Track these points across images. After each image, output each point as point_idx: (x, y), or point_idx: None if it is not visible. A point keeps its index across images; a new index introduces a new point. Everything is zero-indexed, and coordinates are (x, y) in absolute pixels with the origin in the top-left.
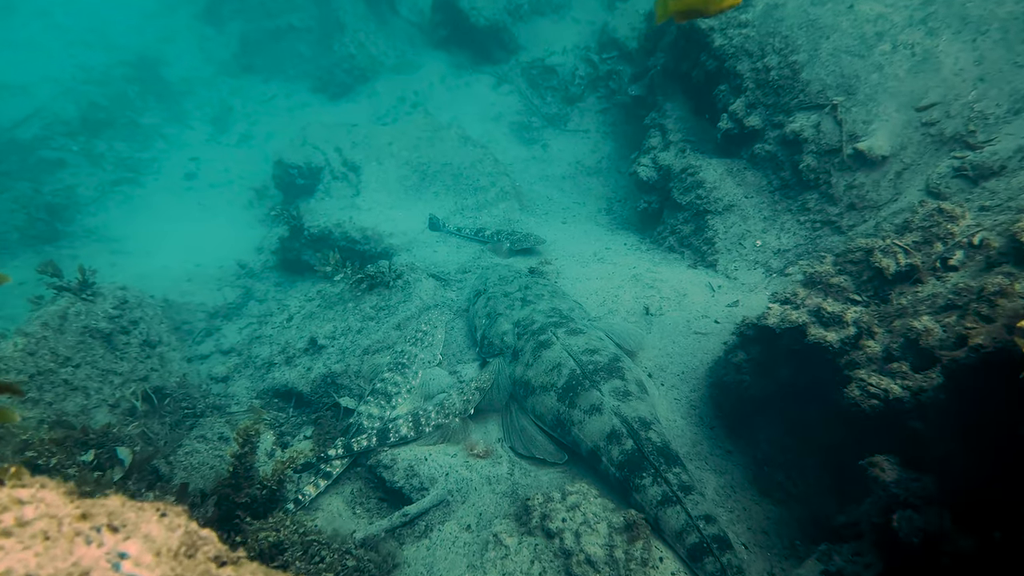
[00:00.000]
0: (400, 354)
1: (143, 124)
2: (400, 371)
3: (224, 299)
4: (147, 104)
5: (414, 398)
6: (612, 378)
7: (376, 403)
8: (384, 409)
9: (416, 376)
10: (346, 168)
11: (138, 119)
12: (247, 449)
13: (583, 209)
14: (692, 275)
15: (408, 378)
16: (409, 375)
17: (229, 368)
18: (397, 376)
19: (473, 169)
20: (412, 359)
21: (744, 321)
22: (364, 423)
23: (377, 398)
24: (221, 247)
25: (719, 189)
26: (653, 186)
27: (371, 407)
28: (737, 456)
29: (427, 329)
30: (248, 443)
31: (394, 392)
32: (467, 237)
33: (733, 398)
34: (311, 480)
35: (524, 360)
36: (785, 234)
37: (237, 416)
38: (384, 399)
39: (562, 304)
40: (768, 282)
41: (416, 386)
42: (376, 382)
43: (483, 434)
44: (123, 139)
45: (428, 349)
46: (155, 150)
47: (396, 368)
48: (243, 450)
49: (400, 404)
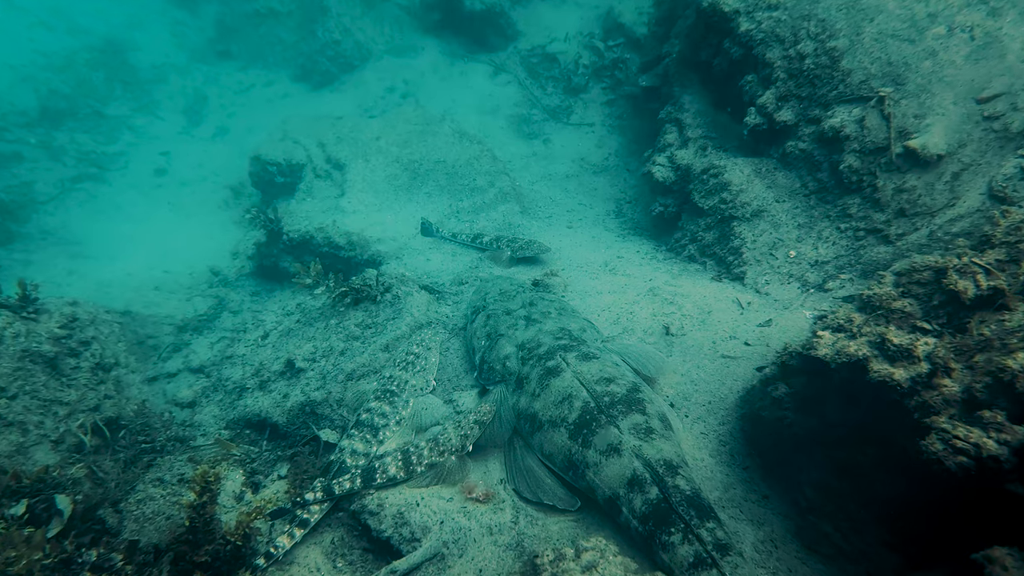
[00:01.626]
0: (388, 380)
1: (109, 115)
2: (388, 400)
3: (194, 310)
4: (113, 93)
5: (404, 431)
6: (632, 412)
7: (361, 438)
8: (370, 444)
9: (407, 406)
10: (330, 165)
11: (103, 109)
12: (206, 499)
13: (590, 212)
14: (717, 289)
15: (398, 408)
16: (399, 404)
17: (196, 392)
18: (385, 406)
19: (469, 167)
20: (402, 386)
21: (787, 349)
22: (347, 461)
23: (362, 431)
24: (193, 251)
25: (746, 192)
26: (669, 188)
27: (355, 442)
28: (776, 502)
29: (419, 351)
30: (207, 491)
31: (381, 425)
32: (463, 244)
33: (771, 435)
34: (285, 529)
35: (530, 389)
36: (823, 244)
37: (203, 450)
38: (370, 433)
39: (572, 323)
40: (804, 298)
41: (406, 417)
42: (361, 413)
43: (483, 474)
44: (86, 131)
45: (420, 375)
46: (122, 143)
47: (384, 397)
48: (201, 499)
49: (388, 439)
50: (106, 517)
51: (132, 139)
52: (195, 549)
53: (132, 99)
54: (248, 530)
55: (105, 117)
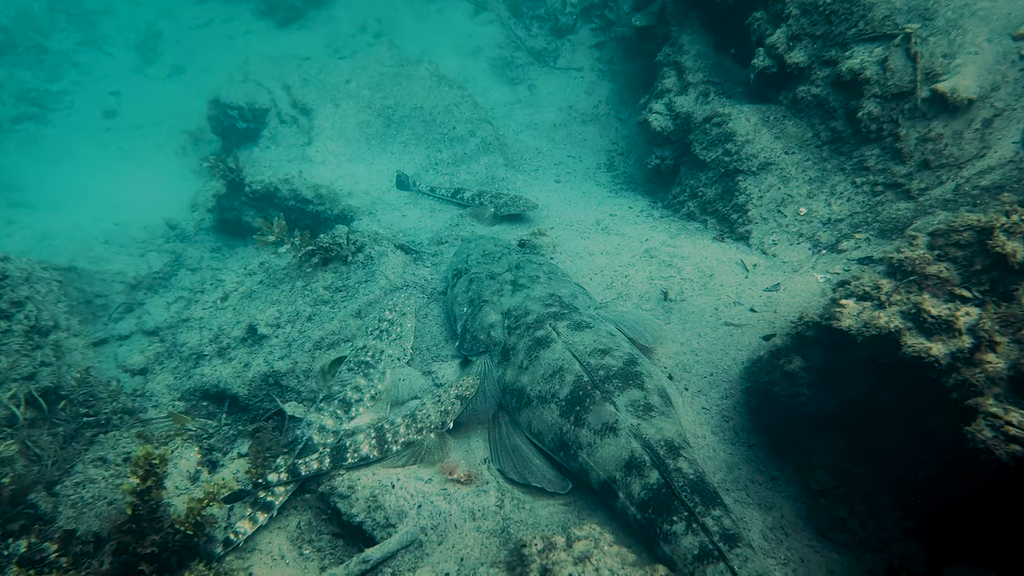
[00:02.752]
0: (361, 350)
1: (51, 49)
2: (363, 372)
3: (149, 267)
4: (57, 25)
5: (379, 406)
6: (629, 387)
7: (331, 413)
8: (340, 421)
9: (383, 378)
10: (296, 110)
11: (45, 43)
12: (151, 483)
13: (579, 164)
14: (719, 250)
15: (373, 381)
16: (374, 377)
17: (148, 358)
18: (358, 378)
19: (448, 114)
20: (377, 357)
21: (803, 319)
22: (314, 438)
23: (332, 406)
24: (147, 202)
25: (753, 143)
26: (667, 138)
27: (324, 417)
28: (784, 484)
29: (393, 318)
30: (151, 475)
31: (355, 400)
32: (443, 199)
33: (782, 413)
34: (247, 513)
35: (517, 361)
36: (837, 199)
37: (153, 424)
38: (341, 408)
39: (562, 289)
40: (816, 260)
41: (382, 391)
42: (332, 385)
43: (465, 452)
44: (27, 67)
45: (396, 343)
46: (66, 81)
47: (357, 368)
48: (145, 484)
49: (361, 415)
50: (38, 502)
51: (78, 76)
52: (140, 539)
53: (77, 32)
54: (200, 518)
55: (48, 52)
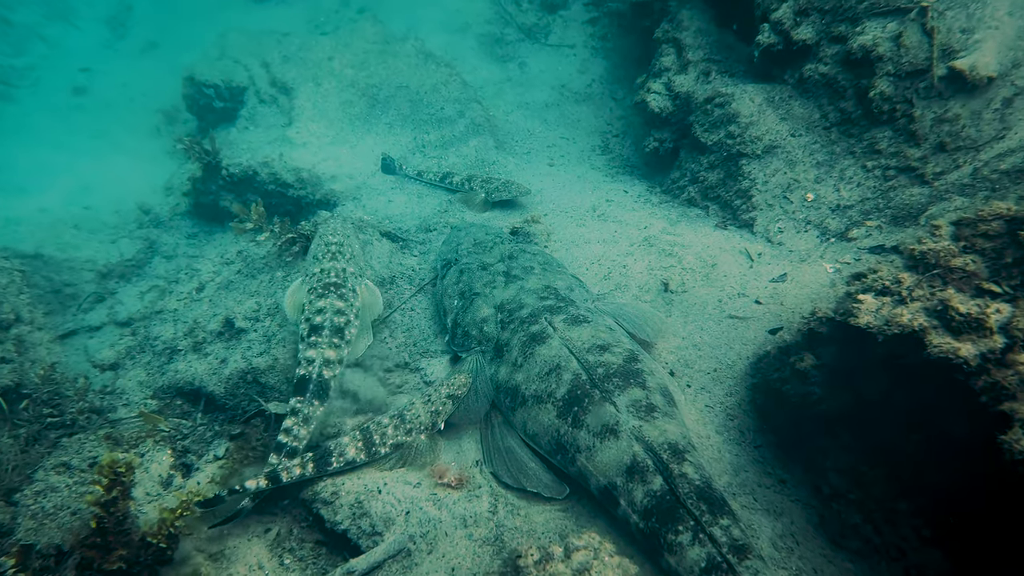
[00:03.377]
0: (321, 274)
1: (16, 22)
2: (336, 294)
3: (121, 254)
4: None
5: (364, 326)
6: (630, 386)
7: (328, 343)
8: (341, 349)
9: (357, 295)
10: (275, 89)
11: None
12: (116, 493)
13: (573, 147)
14: (722, 238)
15: (349, 300)
16: (348, 296)
17: (119, 353)
18: (334, 300)
19: (436, 94)
20: (342, 276)
21: (815, 314)
22: (325, 375)
23: (325, 337)
24: (119, 185)
25: (757, 125)
26: (666, 120)
27: (324, 350)
28: (793, 488)
29: (340, 239)
30: (117, 484)
31: (343, 323)
32: (430, 183)
33: (792, 412)
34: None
35: (511, 358)
36: (846, 185)
37: (124, 425)
38: (336, 336)
39: (558, 280)
40: (824, 249)
41: (361, 308)
42: (313, 317)
43: (456, 454)
44: None
45: (353, 262)
46: (33, 56)
47: (326, 292)
48: (110, 495)
49: (351, 337)
50: None
51: (45, 51)
52: (106, 554)
53: (44, 4)
54: (172, 529)
55: (12, 24)
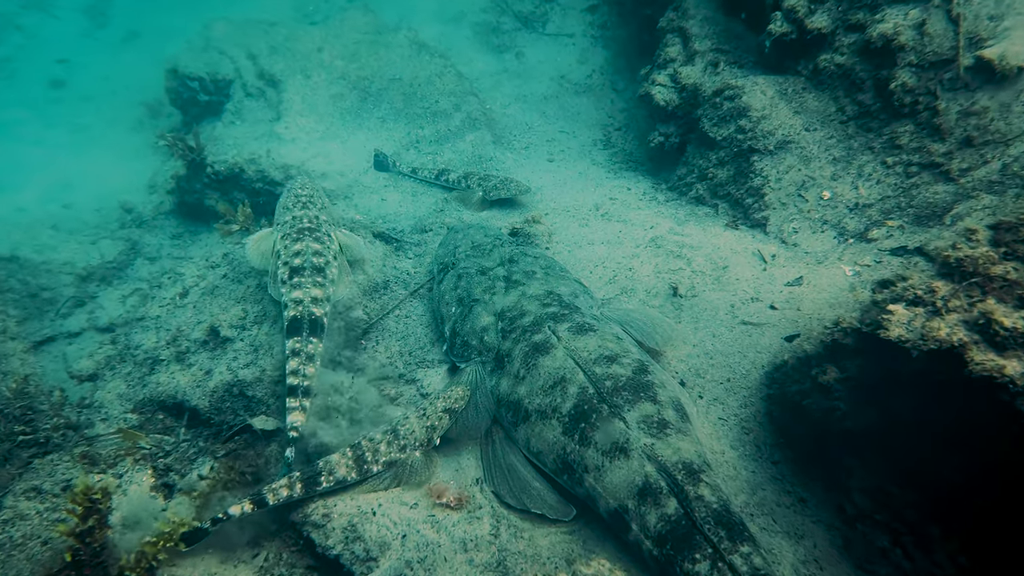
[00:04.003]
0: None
1: None
2: (312, 237)
3: (101, 256)
4: None
5: (343, 267)
6: (640, 400)
7: (312, 283)
8: (326, 288)
9: (332, 239)
10: (263, 82)
11: None
12: (92, 522)
13: (574, 141)
14: (733, 239)
15: (325, 243)
16: (324, 239)
17: (98, 363)
18: (310, 243)
19: (430, 86)
20: (316, 222)
21: (839, 324)
22: (316, 313)
23: (307, 277)
24: (100, 183)
25: (770, 119)
26: (672, 113)
27: (311, 289)
28: (815, 508)
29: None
30: (92, 512)
31: (323, 263)
32: (425, 181)
33: (812, 427)
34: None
35: (513, 370)
36: (865, 182)
37: (102, 442)
38: (318, 275)
39: (561, 286)
40: (842, 250)
41: (340, 250)
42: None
43: (455, 472)
44: None
45: (324, 210)
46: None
47: (300, 236)
48: (86, 524)
49: (336, 276)
50: None
51: (21, 41)
52: None
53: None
54: (154, 563)
55: None
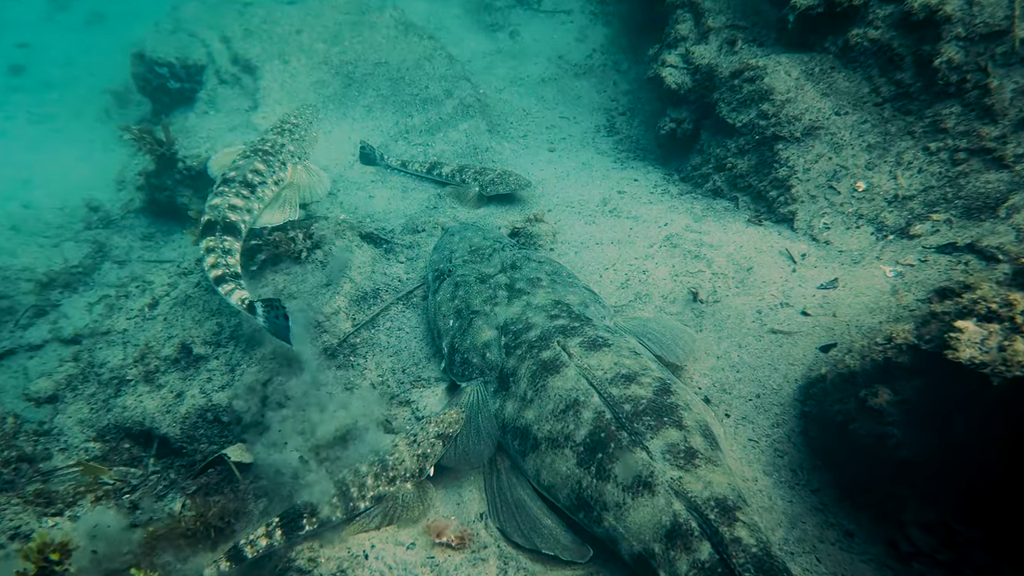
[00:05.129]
0: (261, 142)
1: None
2: (261, 158)
3: (65, 259)
4: None
5: (285, 203)
6: (664, 425)
7: (235, 192)
8: (249, 201)
9: (284, 168)
10: (238, 68)
11: None
12: None
13: (575, 128)
14: (757, 236)
15: (273, 167)
16: (274, 164)
17: (58, 383)
18: (256, 163)
19: (419, 71)
20: (277, 148)
21: (892, 340)
22: (230, 217)
23: (234, 187)
24: (63, 178)
25: (795, 102)
26: (684, 97)
27: (230, 197)
28: (863, 543)
29: (299, 122)
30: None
31: (257, 182)
32: (416, 175)
33: (859, 454)
34: None
35: (518, 391)
36: (905, 171)
37: (59, 477)
38: (246, 188)
39: (569, 294)
40: (881, 248)
41: (285, 180)
42: (228, 171)
43: (456, 506)
44: None
45: (298, 143)
46: None
47: (254, 155)
48: None
49: (268, 202)
50: None
51: None
52: None
53: None
54: None
55: None
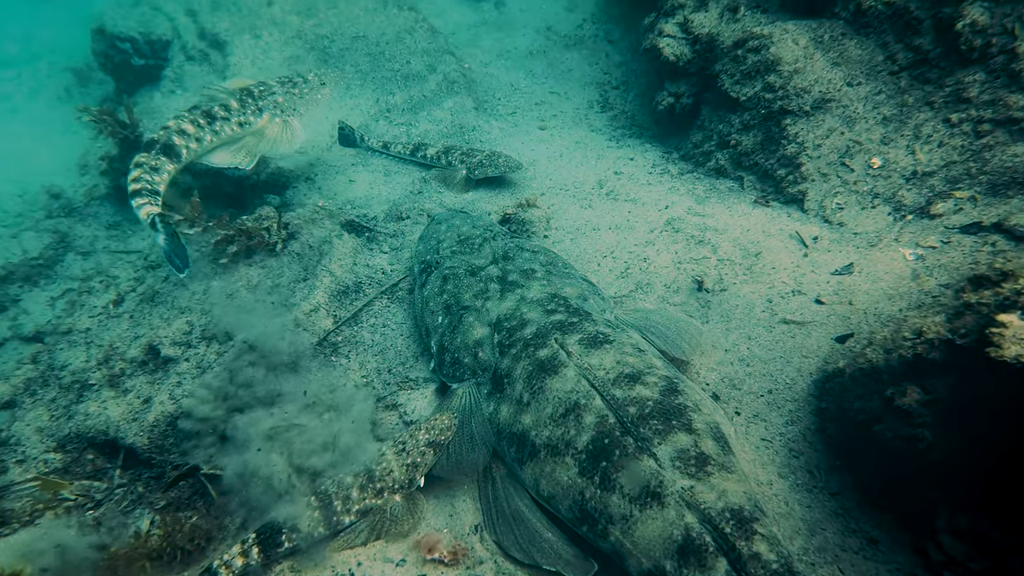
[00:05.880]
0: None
1: None
2: (239, 96)
3: (24, 251)
4: None
5: (240, 147)
6: (673, 430)
7: (191, 120)
8: (203, 130)
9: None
10: (205, 43)
11: None
12: None
13: (567, 104)
14: (765, 219)
15: (246, 110)
16: (249, 107)
17: (15, 387)
18: (231, 100)
19: (399, 44)
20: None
21: (922, 335)
22: (175, 141)
23: (194, 114)
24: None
25: (803, 73)
26: (684, 70)
27: (184, 123)
28: (888, 550)
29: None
30: None
31: (220, 116)
32: (399, 157)
33: (885, 456)
34: None
35: (514, 394)
36: (924, 145)
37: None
38: (204, 118)
39: (567, 286)
40: (900, 229)
41: (253, 125)
42: (201, 99)
43: (448, 518)
44: None
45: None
46: None
47: (236, 93)
48: None
49: (224, 137)
50: None
51: None
52: None
53: None
54: None
55: None
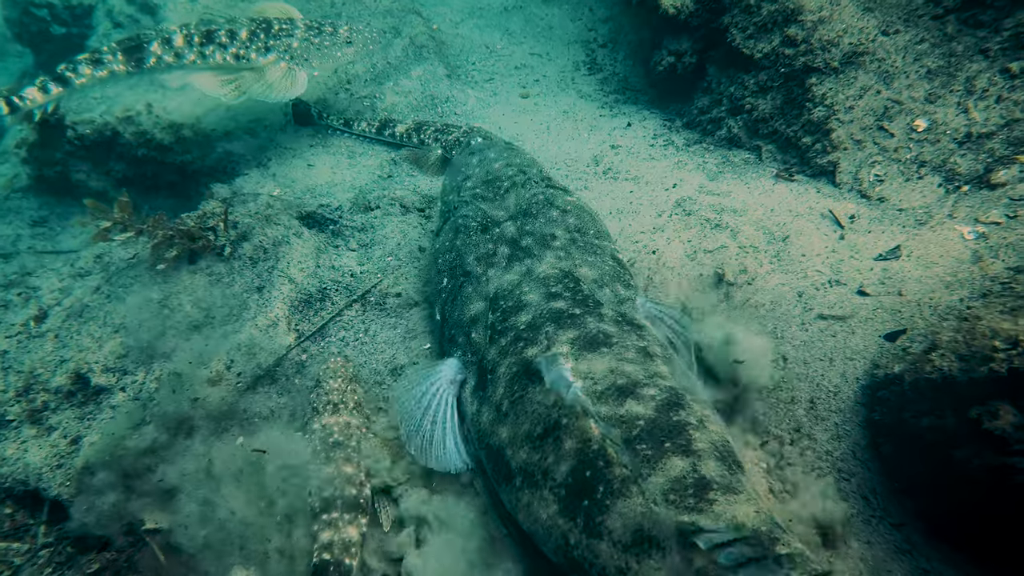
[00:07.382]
0: (278, 20)
1: None
2: (249, 26)
3: None
4: None
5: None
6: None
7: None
8: (192, 46)
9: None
10: (135, 8)
11: None
12: None
13: (550, 66)
14: (791, 196)
15: (251, 46)
16: (254, 44)
17: None
18: (242, 30)
19: (358, 4)
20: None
21: (1020, 346)
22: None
23: (188, 30)
24: None
25: (830, 23)
26: (685, 23)
27: (176, 36)
28: None
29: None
30: None
31: (219, 41)
32: (364, 136)
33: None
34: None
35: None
36: (979, 101)
37: None
38: (201, 36)
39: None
40: (954, 203)
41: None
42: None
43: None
44: None
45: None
46: None
47: (247, 23)
48: None
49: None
50: None
51: None
52: None
53: None
54: None
55: None
